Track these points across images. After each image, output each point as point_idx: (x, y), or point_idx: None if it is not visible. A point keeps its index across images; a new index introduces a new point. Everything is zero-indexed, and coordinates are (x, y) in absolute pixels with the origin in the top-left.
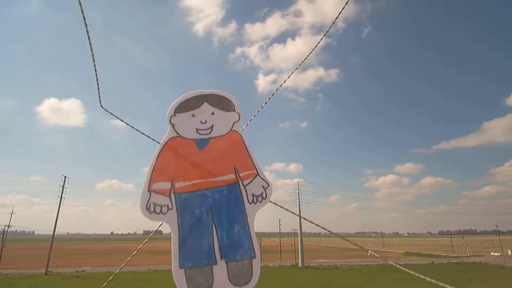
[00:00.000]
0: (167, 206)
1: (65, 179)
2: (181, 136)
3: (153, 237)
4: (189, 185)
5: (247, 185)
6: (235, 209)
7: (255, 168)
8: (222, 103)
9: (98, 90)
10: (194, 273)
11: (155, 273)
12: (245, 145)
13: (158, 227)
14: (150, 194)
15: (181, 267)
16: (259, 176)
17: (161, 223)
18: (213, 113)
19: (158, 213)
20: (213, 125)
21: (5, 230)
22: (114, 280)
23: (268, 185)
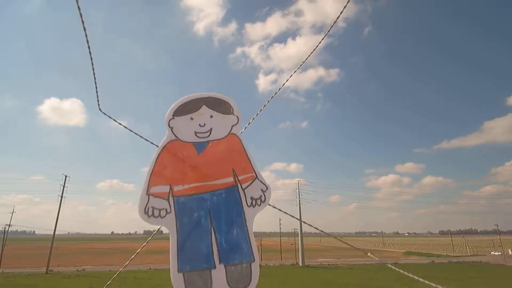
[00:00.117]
0: (166, 209)
1: (66, 178)
2: (180, 139)
3: (154, 236)
4: (187, 188)
5: (245, 188)
6: (233, 212)
7: (254, 171)
8: (220, 106)
9: (97, 94)
10: (192, 277)
11: (155, 272)
12: (244, 148)
13: (159, 228)
14: (149, 197)
15: (179, 271)
16: (258, 179)
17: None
18: (211, 116)
19: (157, 217)
20: (211, 128)
21: (5, 230)
22: (115, 279)
23: (267, 188)
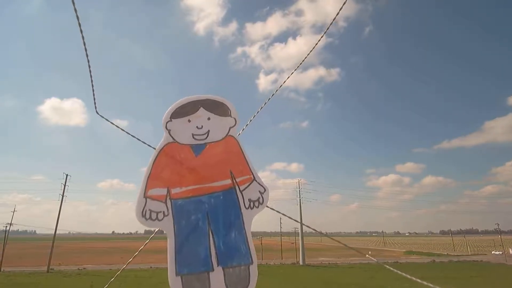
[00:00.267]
0: (163, 212)
1: (67, 177)
2: (177, 142)
3: (154, 236)
4: (185, 191)
5: (243, 190)
6: (231, 214)
7: (252, 173)
8: (218, 108)
9: (94, 96)
10: (190, 280)
11: (156, 271)
12: (241, 150)
13: (158, 228)
14: (146, 200)
15: (177, 274)
16: (256, 181)
17: None
18: (209, 118)
19: (154, 220)
20: (209, 130)
21: (6, 229)
22: (116, 278)
23: (265, 190)
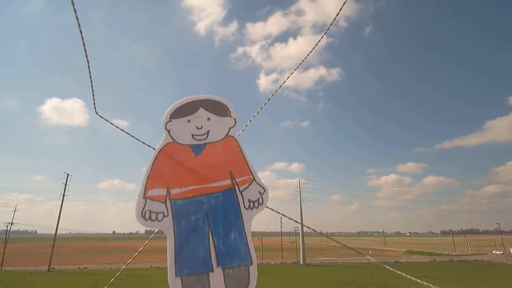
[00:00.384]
0: (163, 213)
1: (68, 176)
2: (177, 142)
3: (155, 236)
4: (185, 191)
5: (243, 190)
6: (231, 215)
7: (251, 174)
8: (218, 108)
9: (93, 97)
10: (190, 281)
11: (156, 270)
12: (241, 150)
13: (159, 228)
14: (146, 201)
15: (177, 275)
16: (255, 181)
17: None
18: (209, 119)
19: (154, 220)
20: (209, 131)
21: (7, 228)
22: (117, 277)
23: (265, 190)
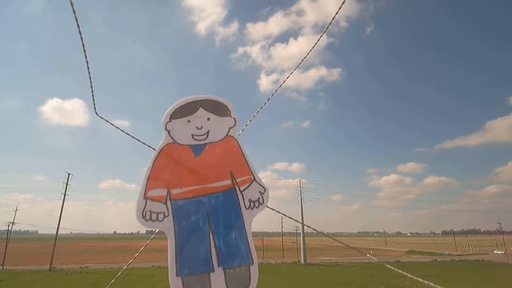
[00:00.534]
0: (163, 213)
1: (69, 176)
2: (177, 142)
3: (156, 236)
4: (185, 191)
5: (243, 190)
6: (232, 215)
7: (252, 173)
8: (217, 108)
9: (93, 98)
10: (191, 280)
11: (157, 269)
12: (241, 150)
13: (159, 228)
14: (146, 201)
15: (178, 275)
16: (256, 181)
17: None
18: (208, 119)
19: (154, 221)
20: (209, 131)
21: (9, 228)
22: (118, 276)
23: (265, 190)
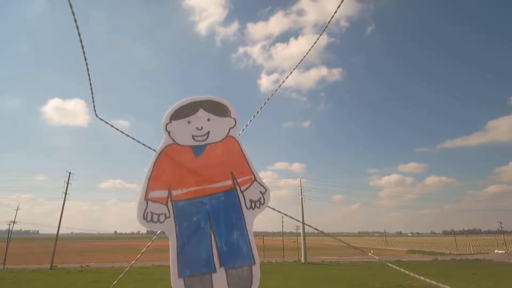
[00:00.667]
0: (165, 214)
1: (70, 175)
2: (177, 143)
3: (157, 235)
4: (186, 192)
5: (244, 190)
6: (233, 215)
7: (253, 173)
8: (217, 109)
9: (93, 100)
10: (193, 282)
11: (158, 268)
12: (241, 150)
13: (160, 229)
14: (147, 202)
15: (180, 276)
16: (257, 181)
17: None
18: (209, 119)
19: (156, 222)
20: (209, 132)
21: (10, 226)
22: (119, 274)
23: (266, 190)
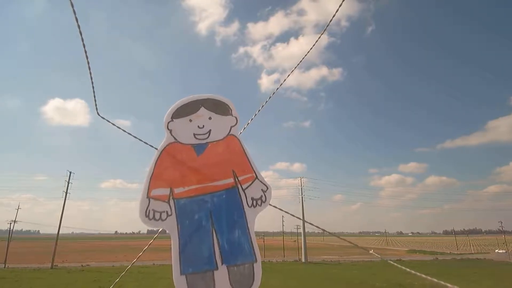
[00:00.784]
0: (167, 212)
1: (70, 174)
2: (179, 142)
3: (158, 235)
4: (188, 190)
5: (246, 188)
6: (234, 213)
7: (254, 172)
8: (219, 107)
9: (95, 99)
10: (195, 279)
11: (159, 267)
12: (243, 148)
13: (162, 227)
14: (149, 200)
15: (182, 273)
16: (258, 179)
17: None
18: (210, 118)
19: (158, 220)
20: (210, 130)
21: (11, 226)
22: (119, 273)
23: (267, 188)
